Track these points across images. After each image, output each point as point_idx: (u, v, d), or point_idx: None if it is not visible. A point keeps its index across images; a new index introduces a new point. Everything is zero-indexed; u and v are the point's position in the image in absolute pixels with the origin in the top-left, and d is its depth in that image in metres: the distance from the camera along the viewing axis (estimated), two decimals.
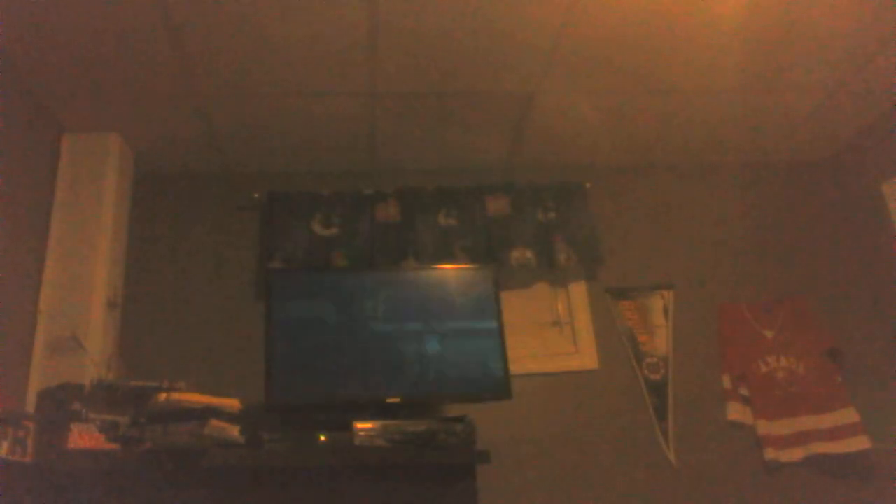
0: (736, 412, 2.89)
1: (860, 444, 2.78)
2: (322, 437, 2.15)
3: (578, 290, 3.09)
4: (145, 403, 2.12)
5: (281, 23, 2.26)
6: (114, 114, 2.68)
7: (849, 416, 2.84)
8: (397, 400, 2.41)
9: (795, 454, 2.81)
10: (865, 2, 2.36)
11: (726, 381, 2.95)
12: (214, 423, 2.05)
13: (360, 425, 2.16)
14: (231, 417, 2.12)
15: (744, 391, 2.94)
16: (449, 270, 2.78)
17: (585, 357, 2.97)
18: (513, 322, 2.85)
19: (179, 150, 2.97)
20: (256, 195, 3.03)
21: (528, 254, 3.02)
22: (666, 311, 3.07)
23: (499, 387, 2.50)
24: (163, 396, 2.09)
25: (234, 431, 2.09)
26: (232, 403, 2.17)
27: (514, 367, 2.60)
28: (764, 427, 2.85)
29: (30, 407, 2.26)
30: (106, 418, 2.08)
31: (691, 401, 2.92)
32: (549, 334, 3.05)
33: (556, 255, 3.03)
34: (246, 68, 2.46)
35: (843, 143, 3.30)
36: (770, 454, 2.81)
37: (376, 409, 2.34)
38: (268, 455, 2.09)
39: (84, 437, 1.99)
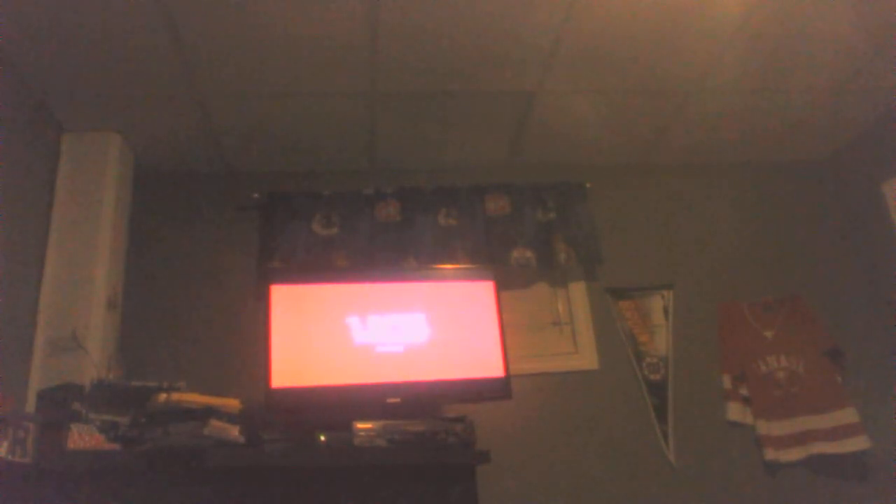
0: (736, 412, 2.90)
1: (860, 444, 2.78)
2: (322, 437, 2.15)
3: (578, 290, 3.09)
4: (145, 403, 2.12)
5: (281, 23, 2.26)
6: (114, 113, 2.68)
7: (849, 416, 2.83)
8: (397, 400, 2.41)
9: (795, 454, 2.81)
10: (865, 2, 2.36)
11: (726, 381, 2.95)
12: (214, 423, 2.05)
13: (360, 425, 2.17)
14: (231, 417, 2.12)
15: (744, 391, 2.94)
16: (449, 270, 2.78)
17: (585, 357, 2.97)
18: (513, 322, 2.85)
19: (179, 150, 2.97)
20: (256, 195, 3.03)
21: (528, 254, 3.02)
22: (666, 311, 3.07)
23: (499, 387, 2.50)
24: (163, 396, 2.10)
25: (234, 431, 2.09)
26: (232, 403, 2.17)
27: (514, 367, 2.60)
28: (764, 427, 2.85)
29: (30, 407, 2.26)
30: (106, 418, 2.08)
31: (691, 401, 2.92)
32: (549, 334, 3.05)
33: (556, 255, 3.03)
34: (246, 68, 2.46)
35: (843, 143, 3.31)
36: (770, 454, 2.81)
37: (376, 410, 2.34)
38: (268, 455, 2.09)
39: (84, 437, 1.99)
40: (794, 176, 3.41)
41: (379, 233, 2.99)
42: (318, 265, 2.90)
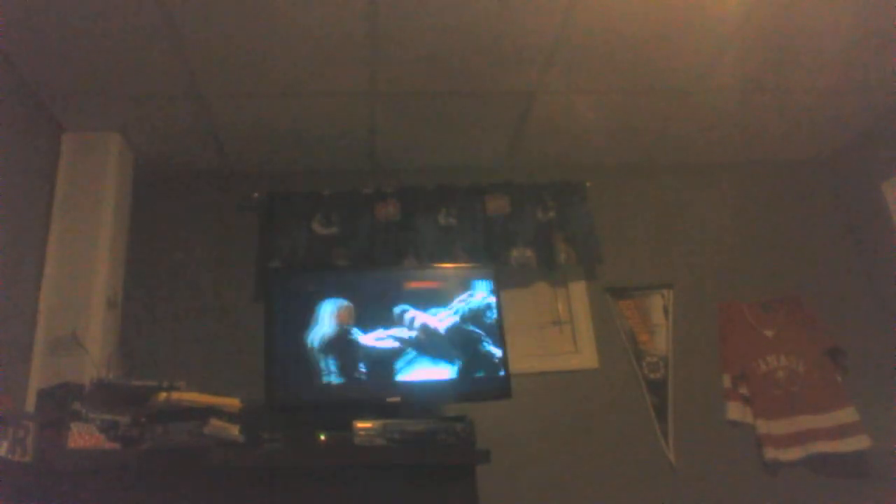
0: (736, 411, 2.89)
1: (860, 443, 2.78)
2: (322, 437, 2.15)
3: (578, 290, 3.10)
4: (145, 403, 2.12)
5: (281, 22, 2.26)
6: (114, 113, 2.68)
7: (849, 415, 2.83)
8: (397, 399, 2.41)
9: (795, 453, 2.81)
10: (865, 2, 2.36)
11: (726, 381, 2.95)
12: (214, 422, 2.05)
13: (360, 425, 2.17)
14: (231, 417, 2.12)
15: (744, 390, 2.94)
16: (449, 270, 2.78)
17: (585, 356, 2.98)
18: (513, 322, 2.85)
19: (180, 150, 2.97)
20: (256, 195, 3.03)
21: (528, 253, 3.02)
22: (666, 311, 3.07)
23: (499, 386, 2.50)
24: (163, 396, 2.10)
25: (233, 431, 2.09)
26: (232, 403, 2.17)
27: (515, 367, 2.60)
28: (764, 426, 2.85)
29: (30, 407, 2.26)
30: (106, 418, 2.08)
31: (691, 400, 2.92)
32: (549, 334, 3.05)
33: (556, 254, 3.03)
34: (246, 68, 2.47)
35: (843, 143, 3.31)
36: (770, 453, 2.81)
37: (376, 409, 2.34)
38: (268, 455, 2.09)
39: (84, 436, 1.99)
40: (794, 176, 3.41)
41: (379, 232, 2.99)
42: (318, 265, 2.90)
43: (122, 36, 2.26)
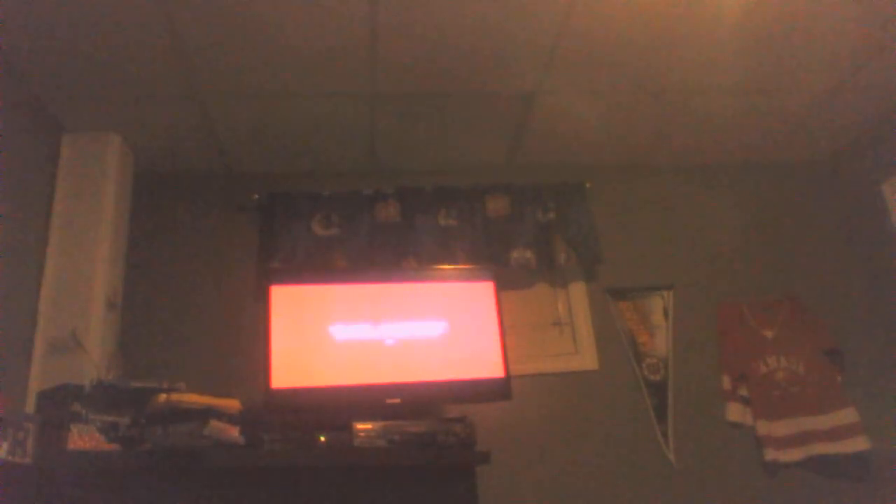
0: (736, 413, 2.89)
1: (860, 444, 2.78)
2: (322, 438, 2.16)
3: (578, 291, 3.09)
4: (145, 404, 2.12)
5: (281, 23, 2.26)
6: (114, 114, 2.68)
7: (849, 416, 2.83)
8: (397, 401, 2.41)
9: (795, 454, 2.80)
10: (865, 2, 2.36)
11: (726, 382, 2.95)
12: (214, 423, 2.05)
13: (360, 426, 2.17)
14: (231, 418, 2.12)
15: (743, 392, 2.94)
16: (449, 270, 2.78)
17: (585, 357, 2.97)
18: (513, 322, 2.85)
19: (179, 151, 2.97)
20: (256, 195, 3.03)
21: (528, 254, 3.02)
22: (666, 312, 3.07)
23: (499, 387, 2.50)
24: (163, 397, 2.10)
25: (233, 432, 2.09)
26: (232, 404, 2.17)
27: (514, 368, 2.60)
28: (764, 427, 2.85)
29: (30, 408, 2.26)
30: (106, 419, 2.08)
31: (691, 401, 2.92)
32: (549, 335, 3.05)
33: (556, 255, 3.03)
34: (246, 68, 2.46)
35: (843, 143, 3.30)
36: (770, 454, 2.81)
37: (376, 410, 2.34)
38: (268, 455, 2.09)
39: (84, 437, 1.99)
40: (794, 176, 3.41)
41: (379, 233, 2.99)
42: (317, 266, 2.90)
43: (122, 36, 2.26)
